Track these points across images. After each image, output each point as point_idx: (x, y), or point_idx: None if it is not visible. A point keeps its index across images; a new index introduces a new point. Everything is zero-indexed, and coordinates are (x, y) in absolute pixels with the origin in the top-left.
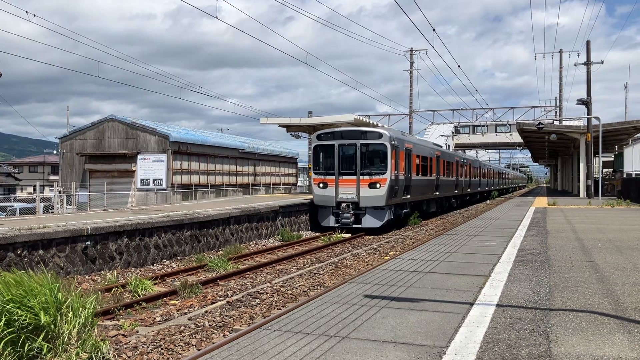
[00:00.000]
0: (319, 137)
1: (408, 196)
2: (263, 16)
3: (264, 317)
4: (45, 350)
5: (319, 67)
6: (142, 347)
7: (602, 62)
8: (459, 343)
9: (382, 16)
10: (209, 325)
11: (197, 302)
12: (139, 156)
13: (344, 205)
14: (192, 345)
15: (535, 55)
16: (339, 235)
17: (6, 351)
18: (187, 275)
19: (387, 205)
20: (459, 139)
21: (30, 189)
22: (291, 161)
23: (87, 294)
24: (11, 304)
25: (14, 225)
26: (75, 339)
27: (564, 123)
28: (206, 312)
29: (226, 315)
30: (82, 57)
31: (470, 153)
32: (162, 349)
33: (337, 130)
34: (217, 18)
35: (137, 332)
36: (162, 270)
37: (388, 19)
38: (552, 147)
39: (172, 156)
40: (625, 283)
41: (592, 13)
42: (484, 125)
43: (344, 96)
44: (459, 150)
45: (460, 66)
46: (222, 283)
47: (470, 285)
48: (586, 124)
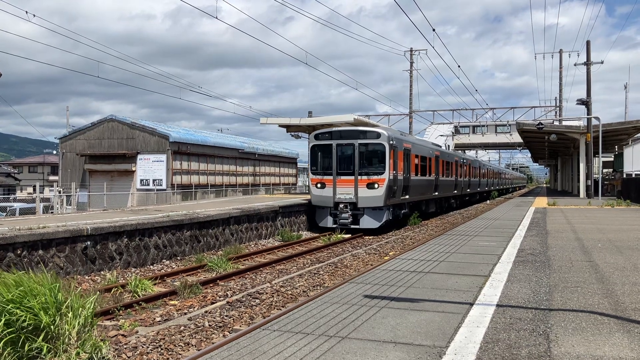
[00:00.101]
0: (316, 137)
1: (407, 196)
2: (263, 16)
3: (264, 317)
4: (45, 350)
5: (319, 67)
6: (142, 347)
7: (602, 62)
8: (459, 343)
9: (382, 16)
10: (209, 325)
11: (197, 302)
12: (139, 156)
13: (341, 205)
14: (192, 345)
15: (535, 56)
16: (338, 236)
17: (6, 351)
18: (187, 275)
19: (386, 206)
20: (459, 139)
21: (30, 189)
22: (291, 161)
23: (87, 294)
24: (11, 304)
25: (14, 226)
26: (75, 339)
27: (564, 123)
28: (206, 312)
29: (226, 316)
30: (82, 57)
31: (470, 153)
32: (162, 349)
33: (334, 130)
34: (217, 18)
35: (137, 332)
36: (162, 270)
37: (388, 19)
38: (552, 147)
39: (172, 156)
40: (625, 283)
41: (592, 13)
42: (483, 126)
43: (343, 96)
44: (459, 151)
45: (460, 66)
46: (222, 283)
47: (470, 285)
48: (586, 124)
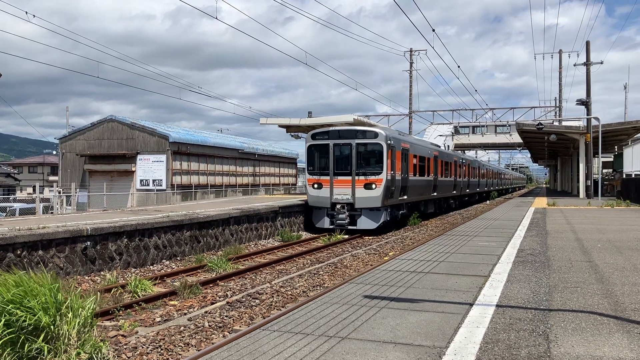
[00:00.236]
0: (313, 137)
1: (405, 197)
2: (262, 16)
3: (264, 318)
4: (45, 351)
5: (319, 68)
6: (142, 347)
7: (601, 62)
8: (459, 343)
9: (382, 16)
10: (209, 325)
11: (197, 302)
12: (139, 157)
13: (338, 206)
14: (192, 345)
15: (534, 56)
16: (338, 236)
17: (6, 352)
18: (187, 275)
19: (383, 206)
20: (459, 140)
21: (30, 190)
22: (291, 161)
23: (87, 295)
24: (11, 305)
25: (14, 226)
26: (75, 339)
27: (564, 123)
28: (206, 312)
29: (226, 316)
30: (82, 58)
31: (470, 153)
32: (161, 349)
33: (332, 129)
34: (217, 18)
35: (136, 332)
36: (162, 270)
37: (388, 20)
38: (551, 147)
39: (172, 157)
40: (625, 283)
41: (592, 13)
42: (483, 126)
43: (343, 96)
44: (459, 151)
45: (459, 66)
46: (222, 283)
47: (470, 285)
48: (586, 125)
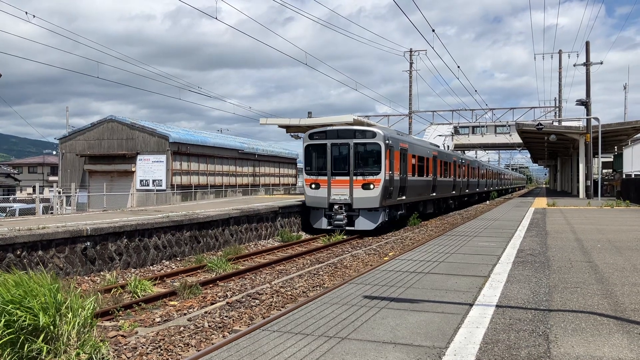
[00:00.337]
0: (310, 137)
1: (403, 197)
2: (262, 17)
3: (264, 318)
4: (45, 351)
5: (319, 68)
6: (142, 347)
7: (601, 62)
8: (459, 344)
9: (382, 17)
10: (209, 326)
11: (197, 302)
12: (139, 157)
13: (336, 206)
14: (192, 346)
15: (534, 56)
16: (338, 236)
17: (6, 352)
18: (187, 276)
19: (382, 207)
20: (459, 140)
21: (30, 190)
22: (290, 162)
23: (87, 295)
24: (11, 305)
25: (14, 226)
26: (75, 339)
27: (564, 124)
28: (206, 312)
29: (226, 316)
30: (82, 58)
31: (470, 154)
32: (161, 349)
33: (329, 129)
34: (217, 19)
35: (136, 332)
36: (162, 271)
37: (387, 20)
38: (551, 147)
39: (172, 157)
40: (625, 284)
41: (592, 14)
42: (483, 126)
43: (343, 97)
44: (458, 151)
45: (459, 67)
46: (222, 284)
47: (470, 286)
48: (585, 125)
